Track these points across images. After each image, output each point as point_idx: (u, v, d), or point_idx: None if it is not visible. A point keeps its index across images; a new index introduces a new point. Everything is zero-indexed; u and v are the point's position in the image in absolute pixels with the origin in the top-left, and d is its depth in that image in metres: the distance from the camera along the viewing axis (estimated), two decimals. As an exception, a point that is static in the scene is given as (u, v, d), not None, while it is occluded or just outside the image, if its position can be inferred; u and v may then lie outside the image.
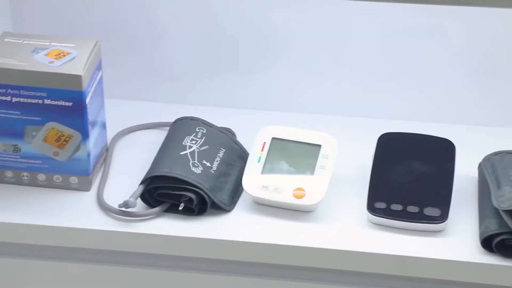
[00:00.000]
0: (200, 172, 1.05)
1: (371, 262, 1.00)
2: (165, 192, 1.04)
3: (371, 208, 1.03)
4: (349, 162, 1.12)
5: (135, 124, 1.19)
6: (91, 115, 1.06)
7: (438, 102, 1.23)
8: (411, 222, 1.01)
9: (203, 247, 1.02)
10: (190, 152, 1.07)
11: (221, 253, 1.02)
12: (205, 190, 1.03)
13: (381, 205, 1.03)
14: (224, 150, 1.10)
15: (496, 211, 0.99)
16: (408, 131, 1.12)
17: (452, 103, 1.23)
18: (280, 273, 1.04)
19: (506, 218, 0.96)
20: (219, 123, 1.14)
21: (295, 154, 1.07)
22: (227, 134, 1.13)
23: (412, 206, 1.02)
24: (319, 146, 1.07)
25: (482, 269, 0.97)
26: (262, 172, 1.06)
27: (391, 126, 1.13)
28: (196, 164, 1.06)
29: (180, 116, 1.14)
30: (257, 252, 1.01)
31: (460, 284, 1.00)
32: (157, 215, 1.04)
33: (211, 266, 1.05)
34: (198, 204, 1.04)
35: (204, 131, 1.11)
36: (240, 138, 1.14)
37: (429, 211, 1.02)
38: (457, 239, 1.00)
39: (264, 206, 1.06)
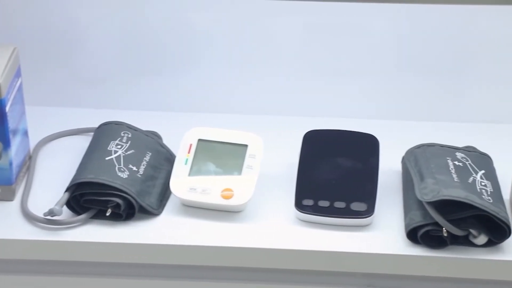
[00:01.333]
0: (126, 176, 1.04)
1: (301, 259, 1.01)
2: (91, 198, 1.02)
3: (299, 205, 1.04)
4: (276, 160, 1.12)
5: (59, 131, 1.17)
6: (11, 123, 1.04)
7: (361, 98, 1.24)
8: (338, 217, 1.02)
9: (132, 252, 1.01)
10: (115, 157, 1.06)
11: (151, 257, 1.01)
12: (132, 195, 1.02)
13: (308, 202, 1.04)
14: (150, 153, 1.09)
15: (420, 203, 1.00)
16: (333, 128, 1.13)
17: (374, 99, 1.24)
18: (210, 275, 1.04)
19: (429, 209, 0.98)
20: (144, 127, 1.13)
21: (222, 155, 1.07)
22: (153, 138, 1.12)
23: (339, 202, 1.03)
24: (246, 146, 1.07)
25: (408, 261, 0.99)
26: (189, 174, 1.06)
27: (316, 124, 1.14)
28: (122, 169, 1.05)
29: (104, 121, 1.13)
30: (187, 254, 1.01)
31: (388, 277, 1.02)
32: (84, 222, 1.03)
33: (141, 271, 1.04)
34: (126, 209, 1.03)
35: (129, 135, 1.10)
36: (166, 141, 1.13)
37: (356, 206, 1.03)
38: (383, 232, 1.02)
39: (193, 208, 1.05)
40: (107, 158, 1.06)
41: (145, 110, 1.23)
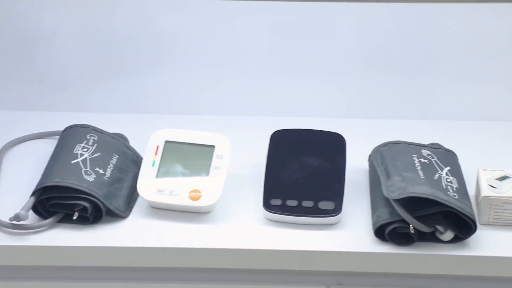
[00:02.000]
0: (93, 179, 1.03)
1: (270, 258, 1.01)
2: (57, 202, 1.02)
3: (267, 205, 1.04)
4: (244, 161, 1.12)
5: (23, 135, 1.16)
6: (-25, 127, 1.03)
7: (328, 98, 1.25)
8: (306, 216, 1.03)
9: (100, 256, 1.01)
10: (82, 160, 1.06)
11: (119, 260, 1.01)
12: (99, 198, 1.02)
13: (276, 201, 1.04)
14: (117, 156, 1.09)
15: (387, 200, 1.01)
16: (300, 127, 1.13)
17: (341, 98, 1.25)
18: (179, 276, 1.04)
19: (396, 207, 0.99)
20: (110, 129, 1.13)
21: (189, 156, 1.07)
22: (119, 140, 1.12)
23: (307, 201, 1.04)
24: (213, 147, 1.07)
25: (376, 258, 1.00)
26: (156, 176, 1.06)
27: (283, 123, 1.14)
28: (88, 172, 1.04)
29: (69, 124, 1.12)
30: (156, 257, 1.01)
31: (357, 274, 1.02)
32: (51, 226, 1.02)
33: (110, 274, 1.03)
34: (93, 212, 1.02)
35: (96, 138, 1.10)
36: (133, 143, 1.13)
37: (324, 204, 1.03)
38: (351, 230, 1.02)
39: (161, 210, 1.05)
40: (73, 162, 1.05)
41: (111, 112, 1.22)
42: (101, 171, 1.05)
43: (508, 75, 1.23)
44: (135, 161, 1.10)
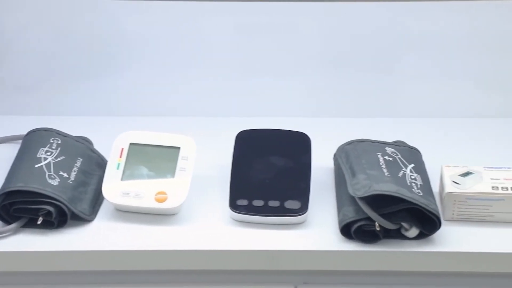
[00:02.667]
0: (57, 183, 1.03)
1: (237, 259, 1.01)
2: (21, 207, 1.01)
3: (233, 205, 1.04)
4: (209, 162, 1.12)
5: (-15, 139, 1.15)
6: None
7: (292, 97, 1.25)
8: (272, 216, 1.03)
9: (66, 260, 1.00)
10: (45, 164, 1.05)
11: (85, 264, 1.00)
12: (64, 202, 1.01)
13: (243, 202, 1.04)
14: (81, 159, 1.08)
15: (353, 199, 1.02)
16: (265, 127, 1.14)
17: (305, 97, 1.26)
18: (146, 279, 1.03)
19: (361, 205, 1.00)
20: (74, 133, 1.12)
21: (154, 158, 1.07)
22: (83, 143, 1.11)
23: (273, 201, 1.04)
24: (178, 148, 1.07)
25: (343, 256, 1.00)
26: (122, 179, 1.05)
27: (248, 124, 1.14)
28: (52, 176, 1.03)
29: (32, 128, 1.11)
30: (122, 260, 1.00)
31: (324, 273, 1.02)
32: (15, 231, 1.01)
33: (76, 278, 1.03)
34: (58, 216, 1.01)
35: (59, 142, 1.09)
36: (97, 146, 1.12)
37: (290, 204, 1.04)
38: (317, 229, 1.03)
39: (127, 213, 1.05)
40: (36, 166, 1.04)
41: (74, 115, 1.21)
42: (65, 175, 1.04)
43: (470, 73, 1.25)
44: (100, 164, 1.10)
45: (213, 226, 1.03)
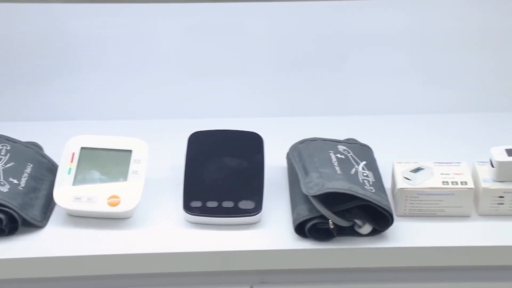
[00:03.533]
0: (7, 190, 1.01)
1: (192, 261, 1.00)
2: (-30, 215, 0.99)
3: (187, 207, 1.04)
4: (162, 164, 1.12)
5: None
6: None
7: (243, 97, 1.26)
8: (227, 217, 1.03)
9: (18, 267, 0.98)
10: (-6, 171, 1.03)
11: (38, 271, 0.99)
12: (14, 208, 0.99)
13: (197, 203, 1.04)
14: (31, 165, 1.06)
15: (306, 197, 1.02)
16: (217, 128, 1.13)
17: (256, 97, 1.26)
18: (100, 284, 1.02)
19: (315, 203, 1.00)
20: (23, 138, 1.10)
21: (106, 162, 1.06)
22: (33, 148, 1.09)
23: (227, 202, 1.04)
24: (130, 151, 1.06)
25: (298, 255, 1.01)
26: (73, 184, 1.04)
27: (200, 125, 1.14)
28: (2, 183, 1.02)
29: (-20, 135, 1.10)
30: (75, 265, 0.99)
31: (280, 272, 1.03)
32: (-36, 240, 0.99)
33: (28, 286, 1.01)
34: (8, 223, 1.00)
35: (8, 148, 1.07)
36: (47, 151, 1.11)
37: (244, 204, 1.04)
38: (272, 228, 1.03)
39: (79, 218, 1.03)
40: (-15, 173, 1.03)
41: (24, 121, 1.19)
42: (15, 181, 1.03)
43: (418, 69, 1.26)
44: (51, 169, 1.08)
45: (167, 229, 1.03)
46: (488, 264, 1.02)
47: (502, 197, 1.04)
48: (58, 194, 1.03)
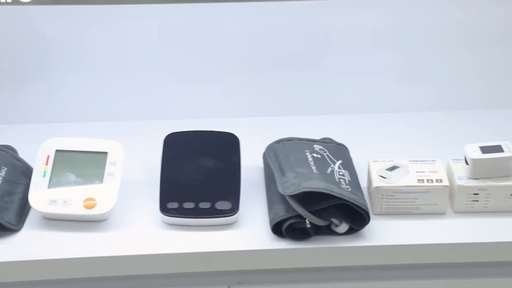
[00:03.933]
0: (-19, 194, 1.00)
1: (169, 262, 1.00)
2: None
3: (164, 209, 1.03)
4: (138, 166, 1.11)
5: None
6: None
7: (219, 98, 1.25)
8: (204, 218, 1.03)
9: (-7, 272, 0.98)
10: (-32, 175, 1.02)
11: (13, 275, 0.98)
12: (-11, 212, 0.99)
13: (173, 205, 1.03)
14: (5, 168, 1.06)
15: (283, 197, 1.02)
16: (193, 129, 1.13)
17: (232, 98, 1.26)
18: (77, 287, 1.01)
19: (291, 202, 1.00)
20: (-3, 141, 1.10)
21: (82, 164, 1.05)
22: (7, 151, 1.09)
23: (204, 203, 1.04)
24: (106, 153, 1.06)
25: (275, 255, 1.01)
26: (49, 187, 1.03)
27: (175, 126, 1.14)
28: (-24, 187, 1.01)
29: (-47, 138, 1.09)
30: (52, 269, 0.98)
31: (257, 272, 1.03)
32: None
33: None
34: (-17, 228, 0.99)
35: (-18, 151, 1.06)
36: (22, 154, 1.10)
37: (221, 205, 1.04)
38: (249, 229, 1.03)
39: (55, 221, 1.03)
40: (-41, 177, 1.02)
41: (-3, 123, 1.19)
42: (-11, 185, 1.02)
43: (392, 68, 1.27)
44: (26, 172, 1.08)
45: (144, 231, 1.03)
46: (464, 261, 1.02)
47: (477, 194, 1.05)
48: (33, 197, 1.02)
